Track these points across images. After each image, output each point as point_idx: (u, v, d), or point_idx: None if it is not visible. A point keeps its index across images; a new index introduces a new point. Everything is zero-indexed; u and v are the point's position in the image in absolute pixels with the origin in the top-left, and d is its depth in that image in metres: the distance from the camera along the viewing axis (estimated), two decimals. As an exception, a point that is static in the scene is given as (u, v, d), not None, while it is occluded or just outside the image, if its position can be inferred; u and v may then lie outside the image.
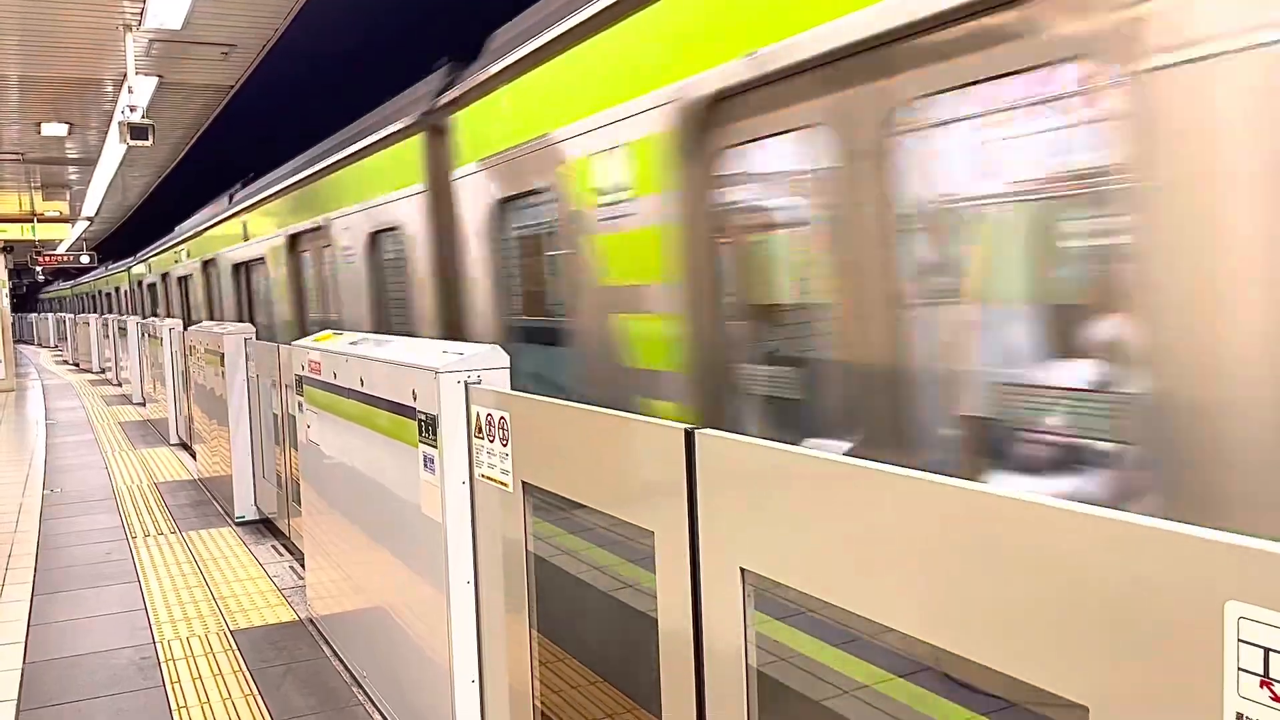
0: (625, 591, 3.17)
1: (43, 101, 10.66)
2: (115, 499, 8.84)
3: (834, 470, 1.71)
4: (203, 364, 8.95)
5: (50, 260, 26.08)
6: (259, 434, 7.60)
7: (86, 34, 8.21)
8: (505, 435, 2.96)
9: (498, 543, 3.09)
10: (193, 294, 14.76)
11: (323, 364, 4.63)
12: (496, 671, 3.18)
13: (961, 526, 1.44)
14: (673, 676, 2.18)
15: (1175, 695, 1.15)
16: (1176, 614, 1.14)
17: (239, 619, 5.41)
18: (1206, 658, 1.11)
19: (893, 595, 1.58)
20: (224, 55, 8.88)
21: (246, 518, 7.78)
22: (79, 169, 15.30)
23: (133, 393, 16.96)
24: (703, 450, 2.03)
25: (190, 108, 11.03)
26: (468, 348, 3.42)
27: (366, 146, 6.59)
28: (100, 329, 23.42)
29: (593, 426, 2.51)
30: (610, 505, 2.46)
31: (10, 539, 7.43)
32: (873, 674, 2.51)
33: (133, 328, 16.65)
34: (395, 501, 3.72)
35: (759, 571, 1.90)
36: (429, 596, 3.44)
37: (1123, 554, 1.21)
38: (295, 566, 6.37)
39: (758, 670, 1.96)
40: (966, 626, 1.44)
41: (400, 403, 3.57)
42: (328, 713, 4.18)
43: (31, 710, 4.33)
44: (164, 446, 11.96)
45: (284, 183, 8.86)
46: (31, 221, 20.16)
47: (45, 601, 5.87)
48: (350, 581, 4.50)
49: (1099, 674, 1.24)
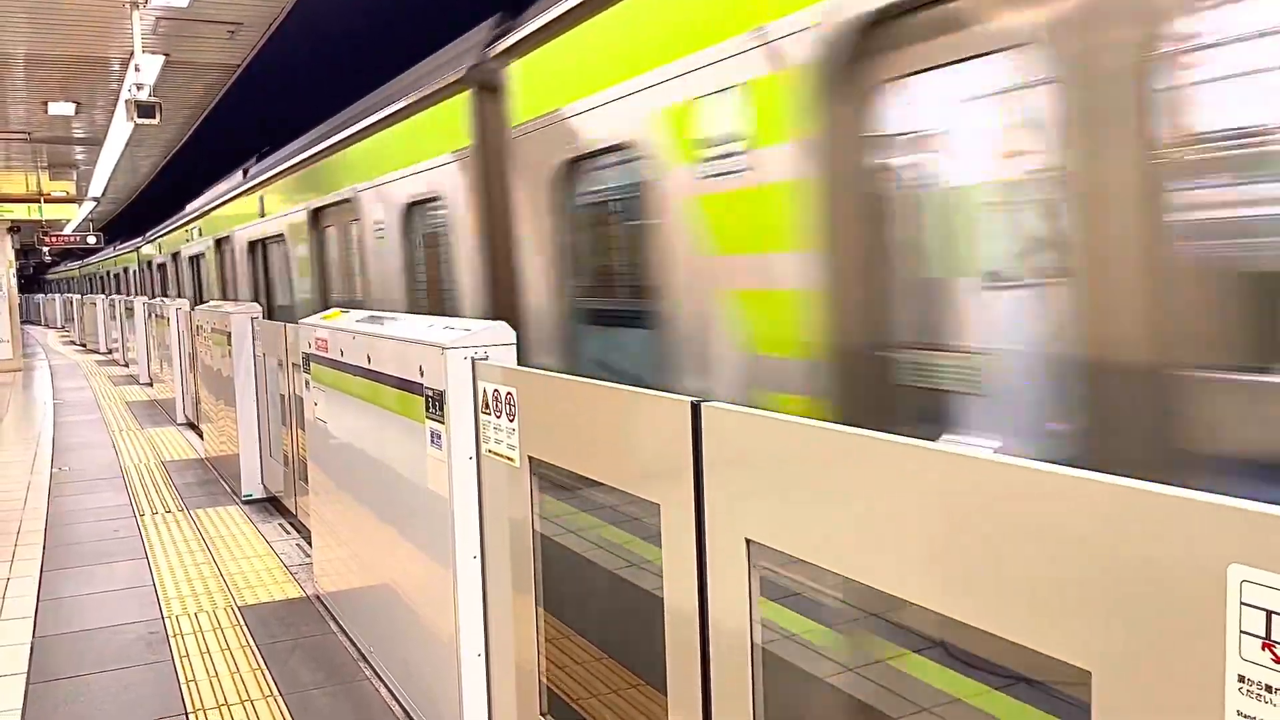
0: (622, 566, 3.17)
1: (50, 80, 10.66)
2: (123, 477, 8.88)
3: (841, 441, 1.72)
4: (210, 344, 8.97)
5: (57, 241, 26.12)
6: (266, 413, 7.63)
7: (93, 12, 8.21)
8: (512, 410, 2.98)
9: (504, 517, 3.11)
10: (205, 274, 14.43)
11: (330, 341, 4.65)
12: (502, 645, 3.20)
13: (967, 495, 1.45)
14: (678, 648, 2.19)
15: (1178, 658, 1.16)
16: (1179, 577, 1.15)
17: (246, 595, 5.45)
18: (1209, 621, 1.12)
19: (898, 565, 1.59)
20: (230, 34, 8.87)
21: (254, 496, 7.82)
22: (85, 149, 15.31)
23: (140, 373, 17.02)
24: (709, 422, 2.04)
25: (197, 87, 11.03)
26: (474, 324, 3.43)
27: (402, 109, 5.93)
28: (107, 309, 23.50)
29: (600, 400, 2.52)
30: (616, 479, 2.47)
31: (19, 516, 7.47)
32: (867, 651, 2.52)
33: (140, 308, 16.70)
34: (402, 477, 3.74)
35: (765, 543, 1.91)
36: (435, 571, 3.46)
37: (1126, 519, 1.21)
38: (302, 544, 6.40)
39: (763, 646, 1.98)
40: (971, 594, 1.45)
41: (407, 379, 3.59)
42: (335, 686, 4.22)
43: (41, 683, 4.37)
44: (171, 426, 12.00)
45: (305, 154, 8.28)
46: (38, 201, 20.17)
47: (54, 577, 5.91)
48: (357, 557, 4.52)
49: (1102, 639, 1.25)
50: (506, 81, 4.62)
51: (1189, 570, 1.14)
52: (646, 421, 2.29)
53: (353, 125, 7.02)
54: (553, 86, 4.17)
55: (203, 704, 4.09)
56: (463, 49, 5.28)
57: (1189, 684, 1.15)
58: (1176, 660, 1.16)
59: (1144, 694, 1.20)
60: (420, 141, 5.75)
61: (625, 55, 3.61)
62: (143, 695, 4.20)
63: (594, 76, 3.82)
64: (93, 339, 26.34)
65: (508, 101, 4.60)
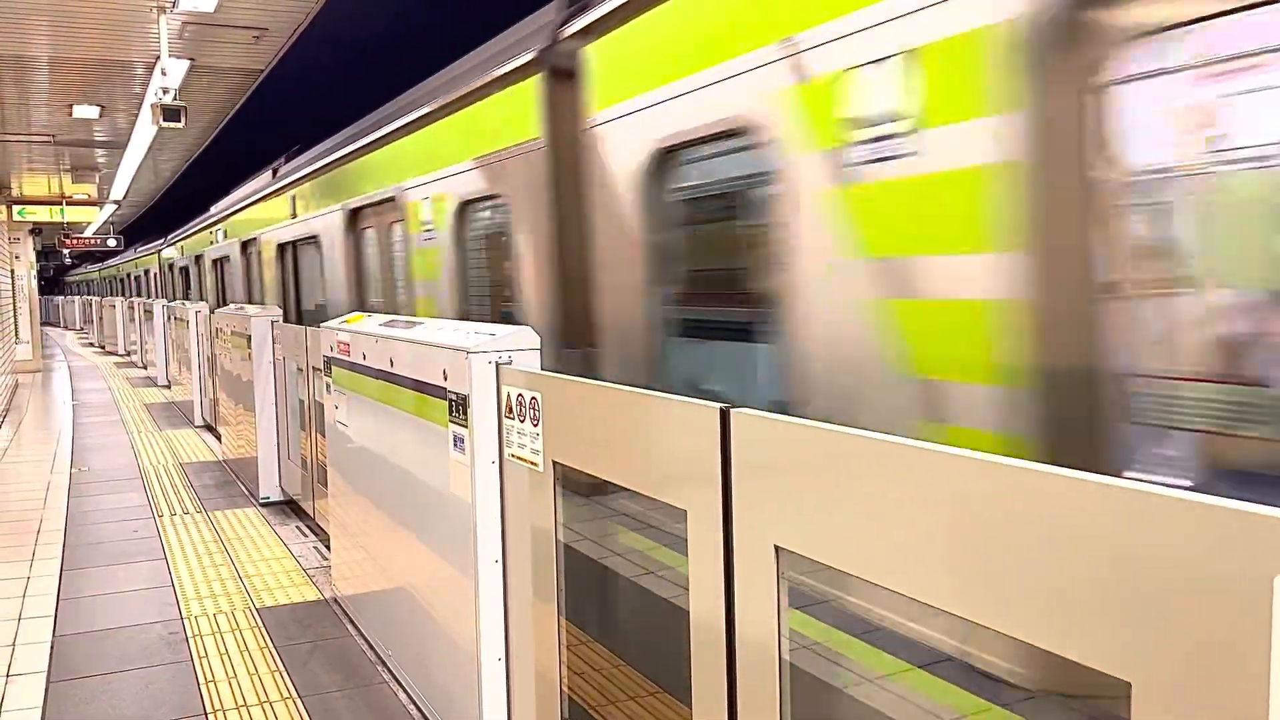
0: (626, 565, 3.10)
1: (74, 83, 10.74)
2: (142, 478, 8.92)
3: (872, 448, 1.71)
4: (229, 347, 9.01)
5: (78, 243, 26.32)
6: (285, 416, 7.65)
7: (118, 15, 8.27)
8: (536, 415, 2.98)
9: (526, 521, 3.11)
10: (229, 278, 14.13)
11: (351, 345, 4.66)
12: (523, 650, 3.20)
13: (1002, 503, 1.44)
14: (703, 656, 2.18)
15: (1221, 670, 1.15)
16: (1224, 588, 1.14)
17: (265, 597, 5.46)
18: (1254, 632, 1.11)
19: (932, 572, 1.58)
20: (255, 39, 8.92)
21: (271, 499, 7.84)
22: (108, 152, 15.41)
23: (158, 375, 17.11)
24: (738, 429, 2.04)
25: (220, 91, 11.10)
26: (499, 329, 3.44)
27: (457, 99, 5.45)
28: (126, 312, 23.66)
29: (626, 406, 2.52)
30: (643, 485, 2.46)
31: (40, 515, 7.52)
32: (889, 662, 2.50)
33: (159, 311, 16.80)
34: (423, 481, 3.75)
35: (794, 550, 1.90)
36: (456, 575, 3.47)
37: (1168, 529, 1.20)
38: (320, 547, 6.42)
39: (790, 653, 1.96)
40: (1007, 603, 1.44)
41: (430, 383, 3.59)
42: (353, 689, 4.22)
43: (62, 682, 4.39)
44: (189, 428, 12.06)
45: (342, 150, 7.71)
46: (60, 204, 20.31)
47: (74, 577, 5.94)
48: (376, 561, 4.53)
49: (1143, 650, 1.24)
50: (583, 64, 4.23)
51: (1235, 581, 1.13)
52: (674, 427, 2.28)
53: (396, 120, 6.51)
54: (644, 66, 3.74)
55: (222, 705, 4.10)
56: (528, 31, 4.91)
57: (1232, 696, 1.14)
58: (1220, 672, 1.15)
59: (1185, 706, 1.19)
60: (480, 133, 5.24)
61: (745, 22, 3.12)
62: (162, 695, 4.21)
63: (700, 50, 3.36)
64: (111, 341, 26.51)
65: (585, 86, 4.21)
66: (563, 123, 4.40)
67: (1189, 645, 1.18)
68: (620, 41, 3.92)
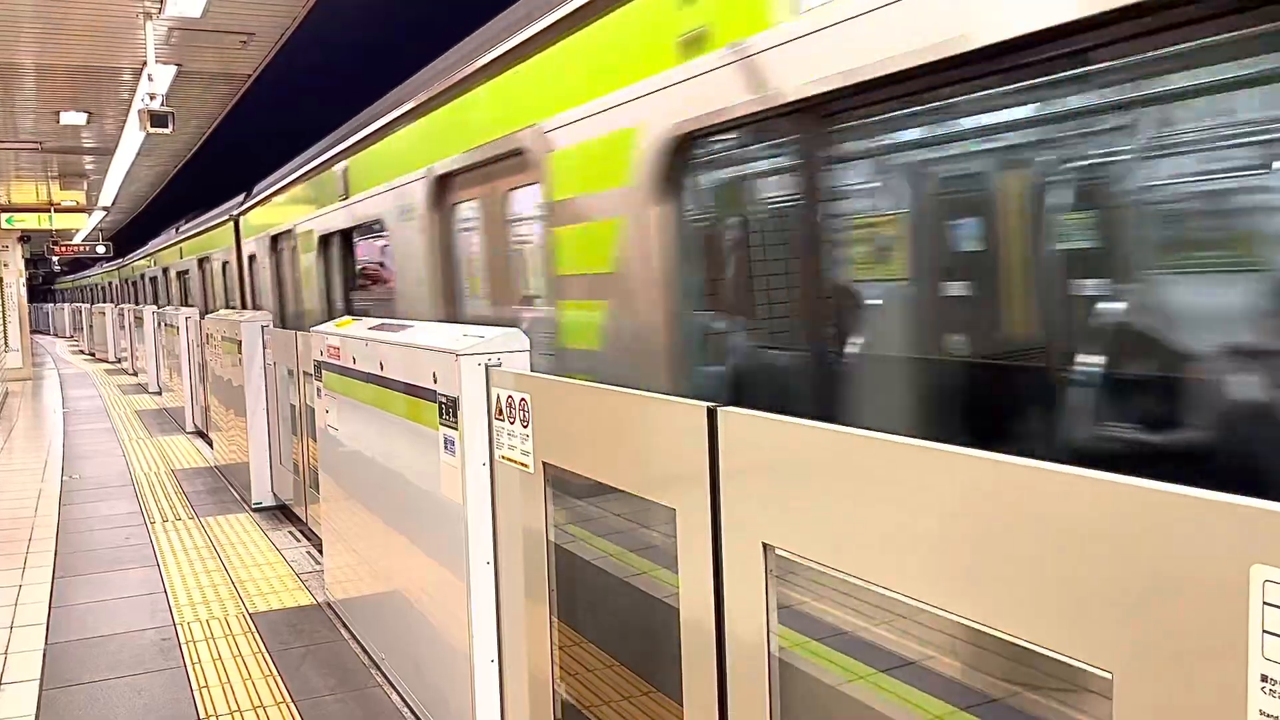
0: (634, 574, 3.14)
1: (61, 90, 10.70)
2: (133, 485, 8.90)
3: (858, 445, 1.72)
4: (220, 352, 9.00)
5: (67, 250, 26.21)
6: (276, 421, 7.65)
7: (105, 21, 8.24)
8: (526, 417, 2.99)
9: (517, 522, 3.12)
10: (261, 279, 13.48)
11: (342, 349, 4.67)
12: (515, 651, 3.21)
13: (985, 498, 1.46)
14: (694, 654, 2.19)
15: (1200, 659, 1.16)
16: (1202, 579, 1.15)
17: (258, 602, 5.46)
18: (1231, 622, 1.12)
19: (917, 568, 1.59)
20: (243, 44, 8.90)
21: (264, 504, 7.83)
22: (96, 158, 15.35)
23: (149, 382, 17.06)
24: (725, 427, 2.05)
25: (208, 97, 11.07)
26: (487, 330, 3.45)
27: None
28: (116, 318, 23.58)
29: (614, 406, 2.53)
30: (632, 484, 2.47)
31: (31, 523, 7.50)
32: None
33: (149, 317, 16.75)
34: (414, 484, 3.75)
35: (781, 547, 1.91)
36: (448, 577, 3.47)
37: (1147, 520, 1.22)
38: (312, 552, 6.41)
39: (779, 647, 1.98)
40: (990, 597, 1.45)
41: (420, 386, 3.60)
42: (347, 693, 4.22)
43: (55, 689, 4.38)
44: (180, 434, 12.03)
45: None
46: (49, 211, 20.23)
47: (66, 584, 5.92)
48: (369, 564, 4.53)
49: (1123, 641, 1.25)
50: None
51: (1212, 571, 1.14)
52: (662, 426, 2.29)
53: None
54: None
55: (215, 710, 4.10)
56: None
57: (1211, 685, 1.16)
58: (1198, 661, 1.17)
59: (1165, 695, 1.21)
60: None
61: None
62: (156, 701, 4.21)
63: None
64: (101, 348, 26.44)
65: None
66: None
67: (1168, 635, 1.20)
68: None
